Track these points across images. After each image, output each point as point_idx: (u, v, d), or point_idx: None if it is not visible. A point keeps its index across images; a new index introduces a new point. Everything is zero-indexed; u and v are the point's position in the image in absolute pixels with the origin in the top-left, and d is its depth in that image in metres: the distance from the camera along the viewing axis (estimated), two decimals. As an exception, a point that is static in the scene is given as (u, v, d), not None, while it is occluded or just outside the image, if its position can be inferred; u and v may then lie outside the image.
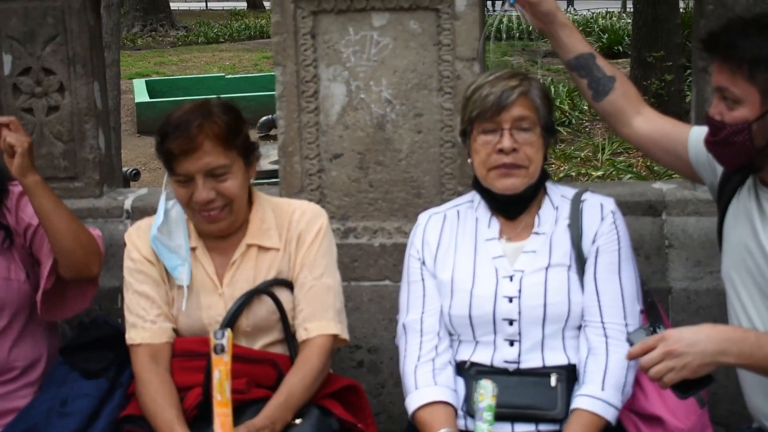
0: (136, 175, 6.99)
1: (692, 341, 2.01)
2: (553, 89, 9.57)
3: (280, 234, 2.56)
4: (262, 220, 2.56)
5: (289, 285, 2.55)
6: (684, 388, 2.04)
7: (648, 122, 2.51)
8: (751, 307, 2.22)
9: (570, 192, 2.52)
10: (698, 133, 2.38)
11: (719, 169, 2.33)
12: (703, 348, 2.01)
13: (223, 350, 2.31)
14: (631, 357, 2.07)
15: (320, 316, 2.51)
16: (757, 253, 2.18)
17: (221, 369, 2.33)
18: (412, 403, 2.40)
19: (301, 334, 2.51)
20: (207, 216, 2.46)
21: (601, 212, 2.45)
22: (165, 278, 2.55)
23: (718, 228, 2.36)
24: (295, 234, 2.56)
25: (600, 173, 7.35)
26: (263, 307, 2.51)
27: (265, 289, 2.52)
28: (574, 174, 7.41)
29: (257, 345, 2.53)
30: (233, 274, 2.53)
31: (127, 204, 3.33)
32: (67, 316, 2.88)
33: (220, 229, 2.51)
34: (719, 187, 2.35)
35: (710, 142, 2.20)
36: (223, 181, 2.43)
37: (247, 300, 2.49)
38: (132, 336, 2.53)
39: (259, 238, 2.54)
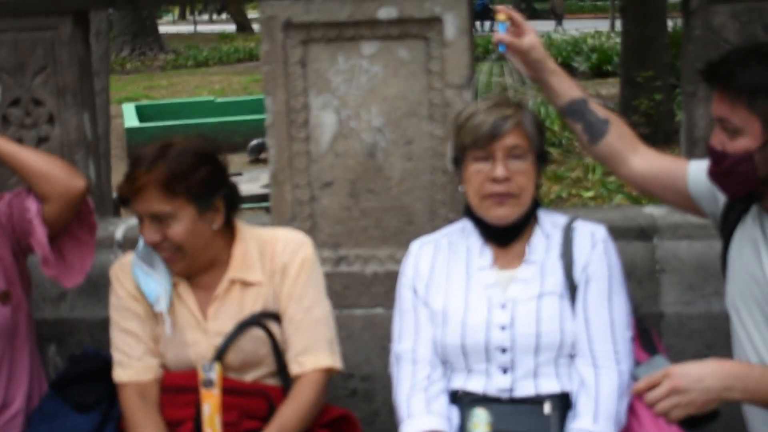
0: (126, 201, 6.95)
1: (697, 377, 2.01)
2: (543, 110, 9.57)
3: (263, 267, 2.52)
4: (245, 254, 2.52)
5: (277, 318, 2.52)
6: (690, 423, 2.03)
7: (645, 161, 2.50)
8: (757, 336, 2.20)
9: (561, 219, 2.52)
10: (697, 166, 2.38)
11: (721, 199, 2.33)
12: (708, 384, 2.00)
13: (212, 384, 2.30)
14: (636, 392, 2.07)
15: (313, 349, 2.49)
16: (763, 282, 2.17)
17: (211, 403, 2.32)
18: (406, 432, 2.38)
19: (294, 368, 2.49)
20: (162, 256, 2.46)
21: (591, 241, 2.45)
22: (150, 314, 2.52)
23: (721, 257, 2.35)
24: (279, 266, 2.52)
25: (591, 194, 7.36)
26: (250, 342, 2.48)
27: (257, 321, 2.49)
28: (565, 195, 7.41)
29: (247, 379, 2.50)
30: (217, 309, 2.50)
31: (118, 234, 3.30)
32: (84, 273, 2.74)
33: (177, 271, 2.48)
34: (722, 217, 2.34)
35: (713, 173, 2.19)
36: (168, 227, 2.39)
37: (235, 334, 2.46)
38: (119, 374, 2.51)
39: (243, 273, 2.51)
